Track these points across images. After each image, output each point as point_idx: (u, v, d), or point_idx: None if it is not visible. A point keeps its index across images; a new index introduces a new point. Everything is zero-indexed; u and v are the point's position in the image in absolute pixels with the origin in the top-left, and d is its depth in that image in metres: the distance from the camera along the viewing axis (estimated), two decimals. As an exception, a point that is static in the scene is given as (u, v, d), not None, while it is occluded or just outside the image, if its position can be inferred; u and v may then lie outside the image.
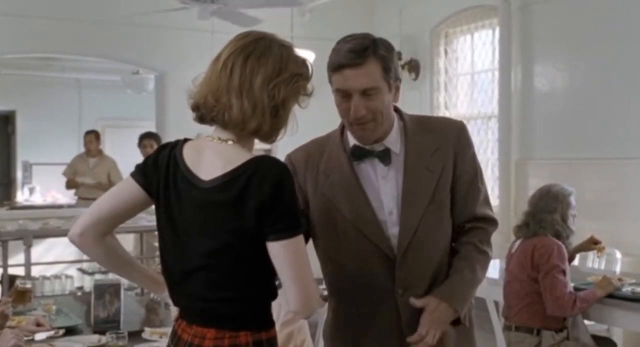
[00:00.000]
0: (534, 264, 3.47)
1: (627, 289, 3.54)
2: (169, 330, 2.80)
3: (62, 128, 10.85)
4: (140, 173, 1.74)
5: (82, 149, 8.07)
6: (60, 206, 9.14)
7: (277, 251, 1.59)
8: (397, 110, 1.97)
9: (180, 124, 7.16)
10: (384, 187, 1.92)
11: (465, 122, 2.21)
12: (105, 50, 7.45)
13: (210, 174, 1.64)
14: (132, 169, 1.79)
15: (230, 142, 1.66)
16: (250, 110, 1.62)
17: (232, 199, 1.59)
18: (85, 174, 7.57)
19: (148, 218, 6.61)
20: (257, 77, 1.62)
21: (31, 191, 10.79)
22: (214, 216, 1.62)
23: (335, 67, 1.84)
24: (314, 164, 1.97)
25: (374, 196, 1.91)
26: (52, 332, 2.70)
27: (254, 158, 1.62)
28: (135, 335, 2.76)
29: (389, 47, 1.87)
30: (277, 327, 2.81)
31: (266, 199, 1.57)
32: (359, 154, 1.92)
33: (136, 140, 7.18)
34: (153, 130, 7.92)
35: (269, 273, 1.64)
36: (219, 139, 1.68)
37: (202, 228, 1.64)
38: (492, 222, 2.02)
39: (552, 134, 6.03)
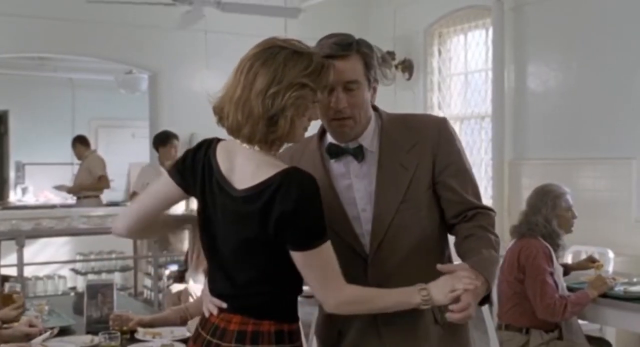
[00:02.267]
0: (520, 266, 3.48)
1: (619, 289, 3.55)
2: (162, 330, 2.81)
3: (55, 128, 10.82)
4: (178, 172, 1.84)
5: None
6: (53, 206, 9.11)
7: (298, 259, 1.69)
8: (375, 108, 1.99)
9: (174, 124, 7.25)
10: (357, 185, 1.93)
11: (458, 122, 2.20)
12: (98, 50, 7.43)
13: (242, 182, 1.72)
14: (125, 169, 1.81)
15: (256, 148, 1.72)
16: (244, 119, 1.68)
17: (258, 211, 1.67)
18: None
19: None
20: (254, 86, 1.67)
21: (24, 191, 10.76)
22: (242, 223, 1.71)
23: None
24: (294, 163, 1.94)
25: (346, 194, 1.93)
26: (47, 335, 2.68)
27: (282, 171, 1.68)
28: (129, 334, 2.76)
29: (370, 46, 1.91)
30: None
31: (288, 211, 1.64)
32: (334, 152, 1.95)
33: (129, 140, 7.13)
34: (147, 130, 7.91)
35: (295, 268, 1.73)
36: (248, 145, 1.74)
37: (232, 231, 1.74)
38: (491, 209, 2.01)
39: (545, 134, 6.04)
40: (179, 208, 6.84)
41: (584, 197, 5.20)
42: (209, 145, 1.80)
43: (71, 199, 8.50)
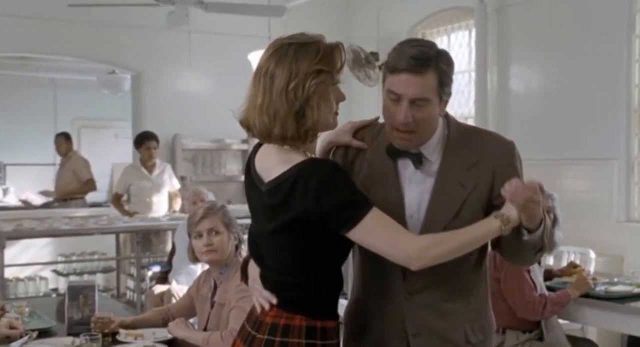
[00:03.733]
0: (496, 264, 3.50)
1: (600, 289, 3.57)
2: (144, 332, 2.80)
3: (37, 128, 10.72)
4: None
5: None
6: (34, 207, 9.04)
7: (356, 236, 1.72)
8: (447, 117, 1.95)
9: (157, 124, 7.22)
10: (408, 190, 1.89)
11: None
12: (80, 50, 7.38)
13: (268, 177, 1.79)
14: (108, 170, 1.82)
15: (286, 147, 1.78)
16: (272, 121, 1.73)
17: (279, 204, 1.74)
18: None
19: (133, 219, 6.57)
20: (273, 87, 1.73)
21: (5, 191, 10.66)
22: (268, 216, 1.78)
23: (395, 69, 1.82)
24: (369, 144, 1.97)
25: (396, 193, 1.90)
26: (25, 339, 2.66)
27: (299, 163, 1.73)
28: (110, 337, 2.74)
29: (450, 61, 1.88)
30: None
31: (311, 205, 1.70)
32: (392, 153, 1.90)
33: (112, 140, 7.09)
34: (130, 130, 7.87)
35: (330, 265, 1.79)
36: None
37: (263, 225, 1.81)
38: None
39: (527, 135, 6.07)
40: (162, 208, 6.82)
41: (566, 198, 5.22)
42: (254, 149, 1.88)
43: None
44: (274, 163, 1.77)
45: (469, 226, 1.76)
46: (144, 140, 6.69)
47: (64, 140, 7.83)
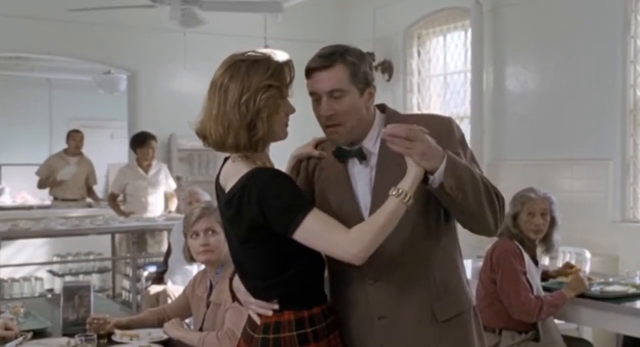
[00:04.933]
0: (492, 265, 3.50)
1: (596, 289, 3.58)
2: (139, 332, 2.79)
3: (33, 128, 10.71)
4: None
5: (59, 149, 7.89)
6: (30, 207, 9.02)
7: (298, 239, 1.81)
8: (384, 109, 2.06)
9: (153, 124, 7.21)
10: (360, 185, 2.00)
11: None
12: (76, 50, 7.37)
13: (226, 190, 1.92)
14: (104, 170, 1.85)
15: (238, 158, 1.91)
16: (225, 131, 1.85)
17: (234, 215, 1.88)
18: (65, 172, 7.42)
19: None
20: (227, 101, 1.85)
21: (0, 192, 10.64)
22: (231, 226, 1.93)
23: (306, 71, 1.97)
24: (323, 161, 2.08)
25: (350, 193, 2.00)
26: (20, 340, 2.65)
27: (245, 174, 1.86)
28: (106, 338, 2.74)
29: (360, 54, 1.98)
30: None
31: (256, 214, 1.83)
32: (338, 154, 2.02)
33: (108, 140, 7.10)
34: (126, 130, 7.86)
35: (302, 260, 1.88)
36: (233, 156, 1.93)
37: (231, 235, 1.95)
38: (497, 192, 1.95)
39: (523, 135, 6.09)
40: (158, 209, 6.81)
41: (562, 198, 5.22)
42: (222, 164, 1.99)
43: (48, 200, 8.37)
44: (229, 175, 1.91)
45: (378, 210, 1.82)
46: (147, 140, 6.70)
47: (82, 137, 7.71)
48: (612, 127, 5.39)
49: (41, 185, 7.63)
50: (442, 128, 1.97)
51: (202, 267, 3.12)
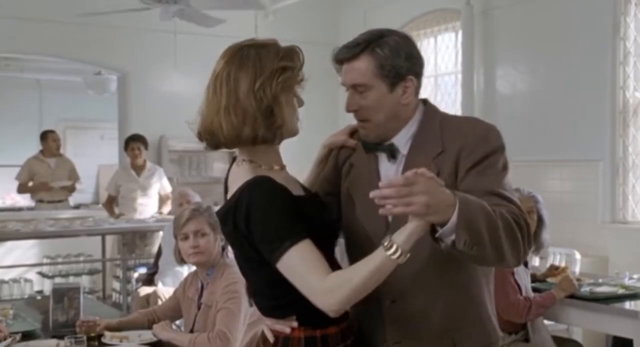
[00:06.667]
0: None
1: (585, 289, 3.59)
2: (129, 334, 2.78)
3: (22, 129, 10.64)
4: None
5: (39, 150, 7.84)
6: (19, 209, 8.98)
7: (280, 270, 1.64)
8: (426, 106, 1.88)
9: (143, 125, 7.19)
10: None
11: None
12: (66, 51, 7.33)
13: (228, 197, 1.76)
14: (94, 171, 1.80)
15: (243, 162, 1.75)
16: (241, 121, 1.68)
17: (231, 233, 1.71)
18: (47, 176, 7.38)
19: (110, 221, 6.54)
20: (240, 87, 1.68)
21: (-11, 193, 10.59)
22: (228, 241, 1.78)
23: (335, 63, 1.84)
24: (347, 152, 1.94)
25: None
26: (8, 342, 2.64)
27: (240, 186, 1.68)
28: (95, 339, 2.73)
29: (394, 45, 1.78)
30: (244, 329, 2.82)
31: (246, 233, 1.66)
32: (366, 146, 1.86)
33: (98, 142, 7.10)
34: (116, 131, 7.83)
35: None
36: (239, 159, 1.78)
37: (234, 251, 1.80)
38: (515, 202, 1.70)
39: (513, 136, 6.05)
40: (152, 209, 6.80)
41: (551, 199, 5.25)
42: (227, 171, 1.84)
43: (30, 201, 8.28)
44: (232, 181, 1.75)
45: (364, 259, 1.59)
46: (129, 142, 6.79)
47: (58, 137, 7.68)
48: (601, 129, 5.41)
49: (23, 190, 7.51)
50: (476, 133, 1.78)
51: (193, 268, 3.12)
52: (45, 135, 7.56)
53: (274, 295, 1.74)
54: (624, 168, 5.40)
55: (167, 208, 6.73)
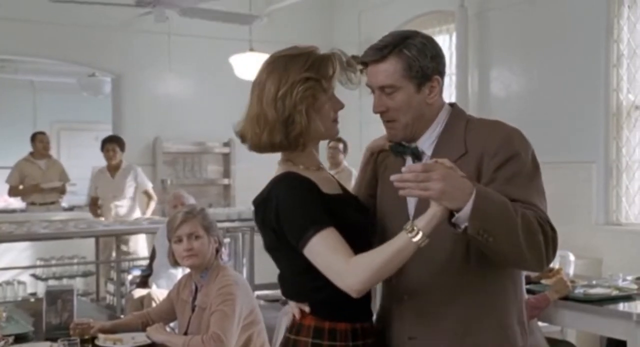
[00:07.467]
0: None
1: (579, 291, 3.60)
2: (123, 336, 2.77)
3: (16, 131, 10.59)
4: None
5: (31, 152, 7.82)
6: (13, 211, 8.94)
7: (306, 256, 1.72)
8: (453, 108, 1.90)
9: (137, 127, 7.18)
10: None
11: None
12: (60, 52, 7.32)
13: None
14: (88, 173, 1.82)
15: (282, 162, 1.86)
16: (260, 129, 1.78)
17: (260, 223, 1.82)
18: (38, 177, 7.37)
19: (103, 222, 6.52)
20: (264, 97, 1.78)
21: (-18, 195, 10.55)
22: (259, 231, 1.87)
23: (362, 63, 1.89)
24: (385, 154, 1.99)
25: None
26: (2, 344, 2.63)
27: (271, 180, 1.81)
28: (89, 342, 2.72)
29: (421, 46, 1.81)
30: (238, 331, 2.82)
31: (274, 223, 1.76)
32: (395, 150, 1.90)
33: (92, 143, 7.12)
34: (110, 133, 7.82)
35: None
36: (281, 158, 1.88)
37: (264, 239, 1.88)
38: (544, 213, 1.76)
39: (507, 138, 6.11)
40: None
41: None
42: None
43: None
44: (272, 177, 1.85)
45: (386, 243, 1.65)
46: (104, 143, 6.88)
47: (48, 139, 7.67)
48: (595, 130, 5.42)
49: (14, 192, 7.50)
50: (498, 136, 1.80)
51: (187, 270, 3.11)
52: (34, 137, 7.56)
53: (294, 282, 1.84)
54: (617, 170, 5.42)
55: (149, 210, 6.81)
